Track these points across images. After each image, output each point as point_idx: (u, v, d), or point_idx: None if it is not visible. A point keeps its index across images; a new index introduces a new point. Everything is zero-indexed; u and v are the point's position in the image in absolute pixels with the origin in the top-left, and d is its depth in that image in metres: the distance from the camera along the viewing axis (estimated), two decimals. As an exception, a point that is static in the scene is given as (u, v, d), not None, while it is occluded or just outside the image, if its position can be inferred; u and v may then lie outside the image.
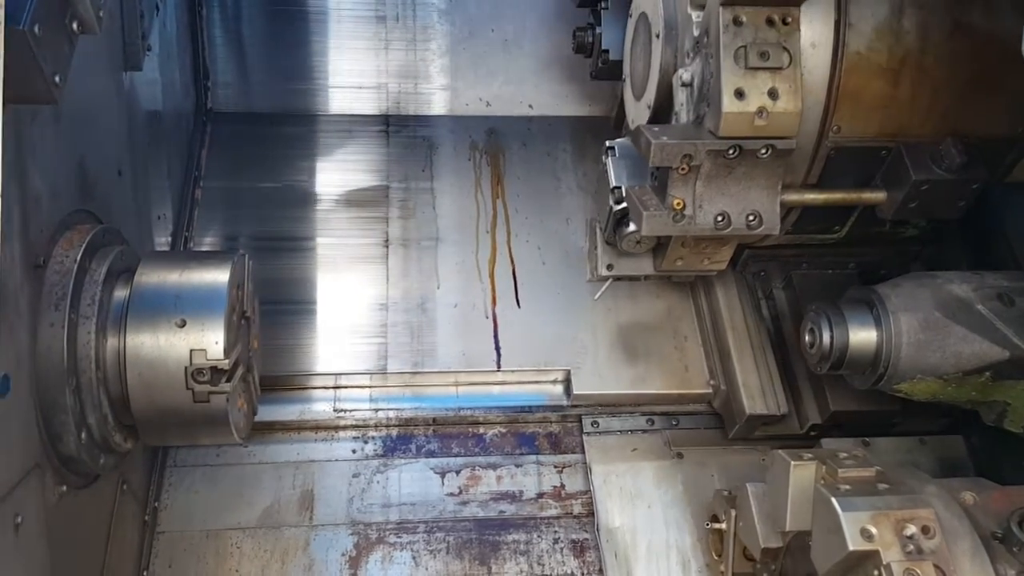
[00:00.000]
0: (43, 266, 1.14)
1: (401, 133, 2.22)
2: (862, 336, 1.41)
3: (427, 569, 1.62)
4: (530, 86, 2.25)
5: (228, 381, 1.21)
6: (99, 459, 1.24)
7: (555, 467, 1.77)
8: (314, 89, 2.23)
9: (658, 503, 1.70)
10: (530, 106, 2.24)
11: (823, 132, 1.38)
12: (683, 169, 1.31)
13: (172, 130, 1.96)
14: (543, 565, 1.63)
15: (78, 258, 1.17)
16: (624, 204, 1.53)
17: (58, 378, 1.14)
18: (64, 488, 1.19)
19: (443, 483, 1.73)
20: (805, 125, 1.34)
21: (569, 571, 1.63)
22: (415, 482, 1.74)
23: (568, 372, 1.83)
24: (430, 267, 1.99)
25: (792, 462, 1.22)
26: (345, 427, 1.81)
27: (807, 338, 1.52)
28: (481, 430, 1.81)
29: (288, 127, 2.17)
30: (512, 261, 1.99)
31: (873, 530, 1.07)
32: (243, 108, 2.23)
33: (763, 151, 1.29)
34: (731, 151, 1.29)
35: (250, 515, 1.68)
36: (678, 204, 1.35)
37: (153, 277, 1.24)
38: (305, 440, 1.79)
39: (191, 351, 1.18)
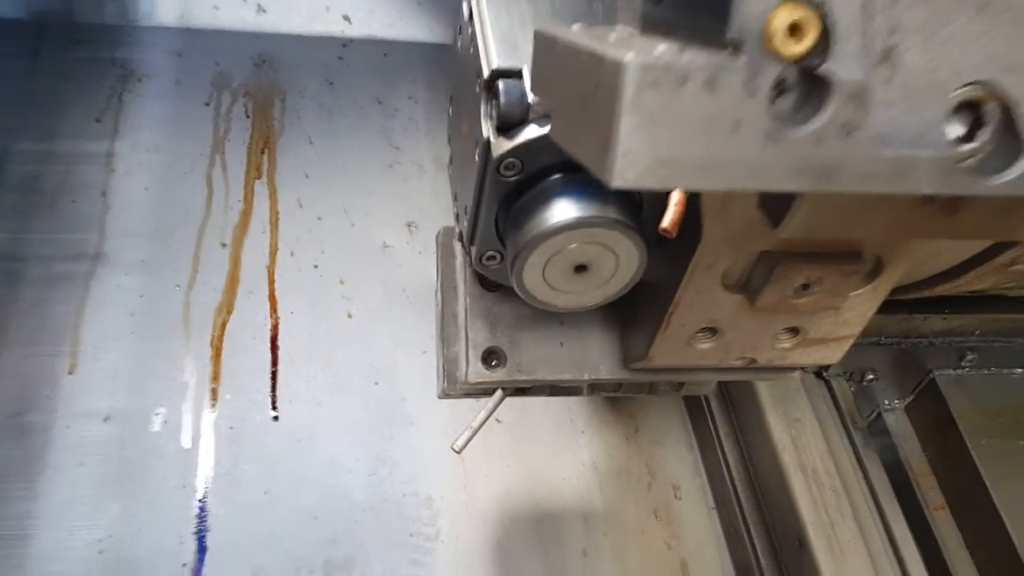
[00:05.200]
0: None
1: (69, 53, 1.17)
2: None
3: None
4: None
5: None
6: None
7: None
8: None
9: None
10: (346, 17, 1.30)
11: None
12: None
13: None
14: None
15: None
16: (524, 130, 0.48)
17: None
18: None
19: None
20: None
21: None
22: None
23: None
24: (63, 322, 0.95)
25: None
26: None
27: None
28: None
29: None
30: (274, 311, 1.01)
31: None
32: None
33: None
34: None
35: None
36: (794, 29, 0.31)
37: None
38: None
39: None
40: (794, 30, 0.30)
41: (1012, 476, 0.82)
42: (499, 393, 0.68)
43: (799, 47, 0.31)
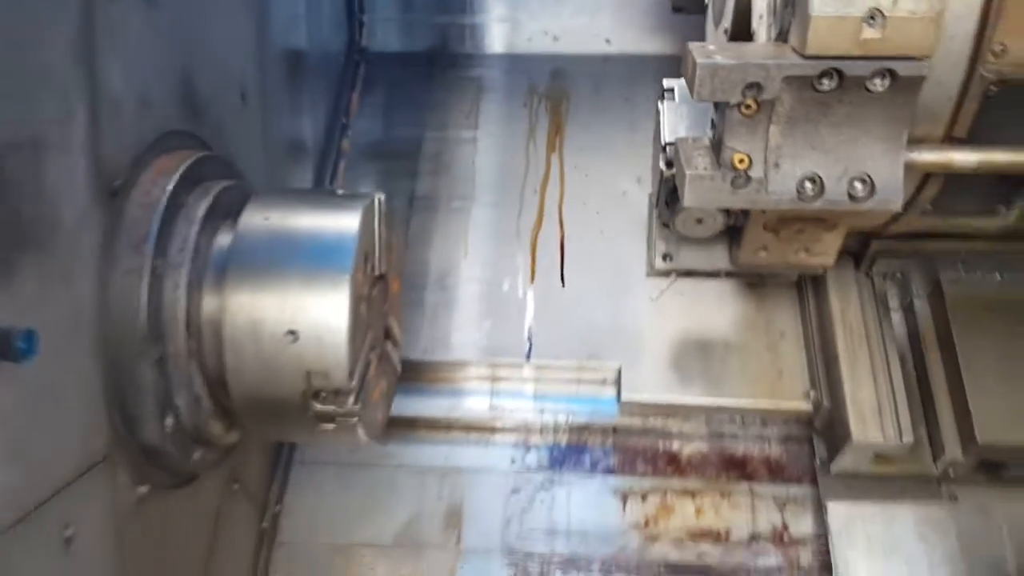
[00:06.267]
0: (122, 194, 0.92)
1: (447, 73, 2.02)
2: None
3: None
4: (608, 16, 2.04)
5: (356, 403, 0.99)
6: (191, 453, 1.02)
7: (775, 501, 1.50)
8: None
9: (922, 561, 1.39)
10: (607, 41, 2.04)
11: (977, 55, 1.02)
12: (748, 107, 0.98)
13: (318, 68, 1.80)
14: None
15: (170, 188, 0.94)
16: (676, 167, 1.17)
17: (136, 344, 0.92)
18: (146, 488, 0.97)
19: (624, 510, 1.50)
20: (949, 43, 1.00)
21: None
22: (589, 506, 1.51)
23: (619, 371, 1.60)
24: (458, 231, 1.80)
25: None
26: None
27: None
28: (676, 445, 1.57)
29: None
30: (562, 228, 1.79)
31: None
32: (402, 47, 2.09)
33: (877, 80, 0.96)
34: (825, 79, 0.96)
35: (386, 530, 1.48)
36: (740, 161, 1.03)
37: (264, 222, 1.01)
38: (454, 442, 1.59)
39: (308, 372, 0.96)
40: (740, 161, 1.03)
41: (971, 330, 1.42)
42: (673, 274, 1.45)
43: (742, 167, 1.03)
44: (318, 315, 0.94)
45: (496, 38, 2.06)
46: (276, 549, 1.45)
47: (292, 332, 0.93)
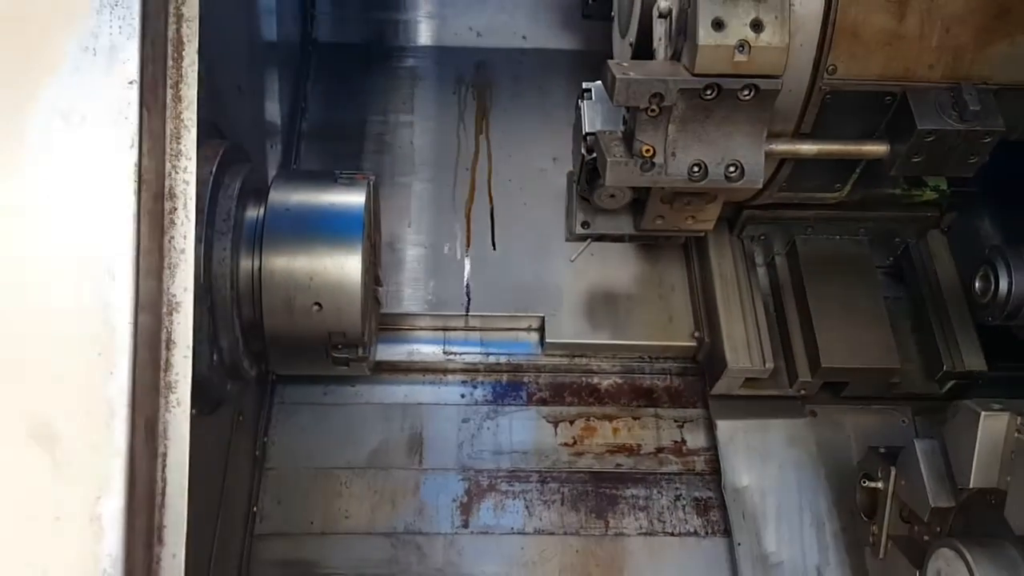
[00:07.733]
0: (179, 177, 1.15)
1: (384, 64, 2.26)
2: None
3: (541, 519, 1.73)
4: (524, 15, 2.31)
5: (365, 352, 1.28)
6: (227, 384, 1.27)
7: (675, 422, 1.86)
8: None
9: (790, 464, 1.78)
10: (524, 37, 2.31)
11: (816, 73, 1.34)
12: (653, 111, 1.27)
13: (283, 59, 2.00)
14: (664, 522, 1.75)
15: (213, 170, 1.19)
16: (595, 153, 1.48)
17: (195, 295, 1.16)
18: (194, 412, 1.21)
19: (556, 433, 1.84)
20: (796, 64, 1.30)
21: (692, 529, 1.76)
22: (527, 431, 1.83)
23: (542, 319, 1.91)
24: (402, 204, 2.06)
25: (983, 412, 1.24)
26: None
27: (979, 285, 1.54)
28: (596, 380, 1.92)
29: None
30: (491, 201, 2.08)
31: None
32: (343, 40, 2.30)
33: (745, 92, 1.25)
34: (708, 91, 1.25)
35: (359, 455, 1.76)
36: (647, 151, 1.33)
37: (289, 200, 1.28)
38: (413, 382, 1.88)
39: (329, 333, 1.25)
40: (646, 151, 1.35)
41: (818, 280, 1.81)
42: (589, 239, 1.78)
43: (648, 155, 1.36)
44: (338, 289, 1.23)
45: (425, 33, 2.32)
46: (266, 473, 1.72)
47: (318, 304, 1.21)
